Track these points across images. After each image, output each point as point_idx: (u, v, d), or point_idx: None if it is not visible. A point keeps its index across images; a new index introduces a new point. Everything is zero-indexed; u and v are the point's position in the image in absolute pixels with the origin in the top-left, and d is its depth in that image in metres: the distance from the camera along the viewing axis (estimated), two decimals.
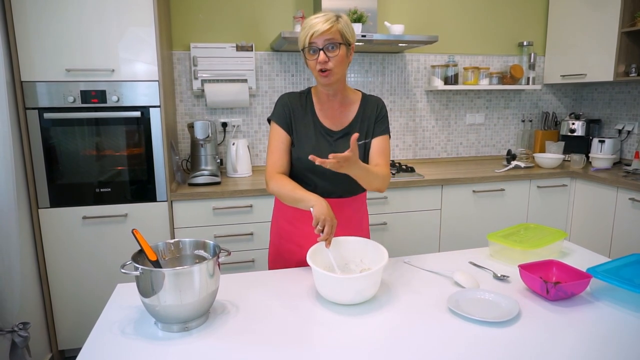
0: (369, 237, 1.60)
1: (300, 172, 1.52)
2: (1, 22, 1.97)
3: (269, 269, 1.65)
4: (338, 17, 1.39)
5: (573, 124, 3.35)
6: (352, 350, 1.01)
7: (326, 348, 1.02)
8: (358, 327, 1.11)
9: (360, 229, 1.61)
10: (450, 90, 3.33)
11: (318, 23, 1.35)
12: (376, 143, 1.53)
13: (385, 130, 1.55)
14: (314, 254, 1.29)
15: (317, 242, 1.31)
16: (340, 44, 1.37)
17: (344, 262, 1.37)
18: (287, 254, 1.59)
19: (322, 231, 1.29)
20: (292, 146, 1.51)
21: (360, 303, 1.22)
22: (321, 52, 1.36)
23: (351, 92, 1.56)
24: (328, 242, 1.30)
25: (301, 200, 1.38)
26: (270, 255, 1.68)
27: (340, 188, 1.53)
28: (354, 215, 1.59)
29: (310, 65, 1.41)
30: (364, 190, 1.61)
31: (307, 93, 1.55)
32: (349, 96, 1.55)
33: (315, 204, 1.33)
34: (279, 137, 1.50)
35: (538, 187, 2.90)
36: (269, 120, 1.54)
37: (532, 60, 3.32)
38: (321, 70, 1.38)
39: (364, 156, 1.52)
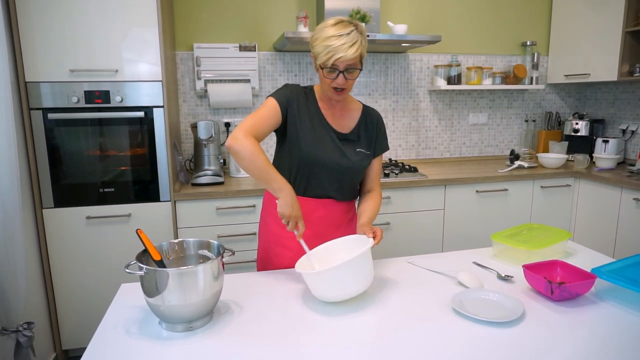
0: None
1: (297, 165, 1.49)
2: (6, 23, 1.98)
3: (258, 270, 1.64)
4: (358, 31, 1.34)
5: (577, 123, 3.34)
6: (356, 350, 1.01)
7: (331, 348, 1.02)
8: (362, 327, 1.11)
9: (351, 231, 1.58)
10: (453, 90, 3.33)
11: (344, 47, 1.31)
12: (376, 164, 1.61)
13: (386, 147, 1.62)
14: (302, 263, 1.29)
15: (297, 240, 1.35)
16: (359, 69, 1.40)
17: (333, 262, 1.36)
18: (276, 257, 1.57)
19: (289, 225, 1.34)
20: (287, 133, 1.48)
21: (364, 303, 1.22)
22: (341, 75, 1.37)
23: (351, 99, 1.59)
24: (299, 234, 1.34)
25: (271, 180, 1.34)
26: (258, 260, 1.66)
27: (332, 188, 1.52)
28: (344, 217, 1.59)
29: (324, 81, 1.41)
30: (354, 197, 1.62)
31: (309, 90, 1.54)
32: (349, 102, 1.58)
33: (280, 196, 1.34)
34: (272, 110, 1.42)
35: (541, 187, 2.89)
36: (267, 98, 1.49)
37: (535, 60, 3.31)
38: (335, 88, 1.41)
39: (365, 164, 1.55)
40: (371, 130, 1.57)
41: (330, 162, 1.48)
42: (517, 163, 3.00)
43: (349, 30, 1.32)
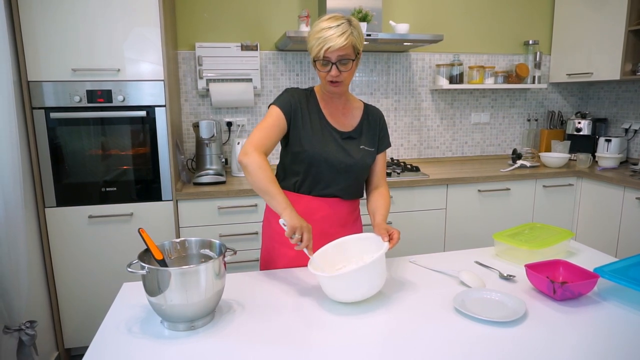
0: None
1: (301, 165, 1.50)
2: (8, 22, 1.98)
3: (261, 269, 1.64)
4: (350, 24, 1.36)
5: (579, 123, 3.34)
6: (358, 350, 1.01)
7: (332, 347, 1.02)
8: (364, 326, 1.11)
9: (355, 231, 1.60)
10: (455, 90, 3.32)
11: (333, 37, 1.32)
12: (380, 161, 1.61)
13: (388, 144, 1.63)
14: (314, 262, 1.28)
15: (297, 250, 1.28)
16: (352, 60, 1.39)
17: (346, 261, 1.36)
18: (279, 258, 1.58)
19: (301, 240, 1.26)
20: (290, 135, 1.48)
21: (366, 302, 1.22)
22: (334, 66, 1.37)
23: (353, 98, 1.60)
24: (310, 249, 1.27)
25: (272, 197, 1.32)
26: (262, 258, 1.66)
27: (338, 187, 1.53)
28: (349, 217, 1.59)
29: (320, 75, 1.44)
30: (359, 196, 1.62)
31: (310, 91, 1.56)
32: (350, 100, 1.59)
33: (285, 214, 1.28)
34: (275, 120, 1.44)
35: (544, 186, 2.89)
36: (269, 107, 1.50)
37: (537, 59, 3.31)
38: (331, 82, 1.42)
39: (369, 164, 1.56)
40: (374, 127, 1.58)
41: (334, 161, 1.48)
42: (519, 162, 2.99)
43: (339, 23, 1.34)
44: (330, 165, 1.48)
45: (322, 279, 1.20)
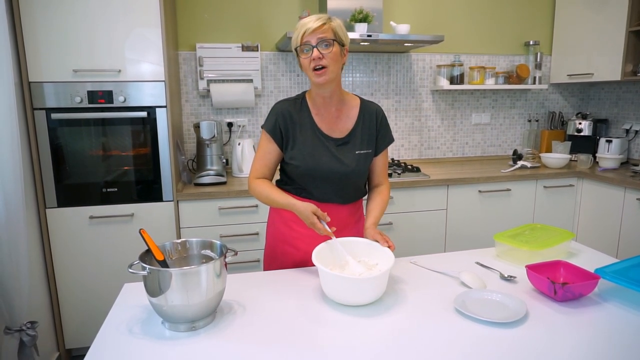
0: None
1: (298, 177, 1.50)
2: (9, 23, 1.98)
3: (264, 269, 1.64)
4: (330, 17, 1.40)
5: (580, 123, 3.34)
6: (359, 351, 1.01)
7: (333, 348, 1.02)
8: (364, 327, 1.11)
9: (357, 231, 1.59)
10: (456, 90, 3.33)
11: (310, 21, 1.36)
12: (380, 160, 1.58)
13: (390, 140, 1.58)
14: (319, 255, 1.29)
15: (321, 234, 1.37)
16: (333, 40, 1.37)
17: (344, 262, 1.36)
18: (282, 256, 1.58)
19: (320, 225, 1.36)
20: (285, 152, 1.50)
21: (368, 304, 1.22)
22: (315, 49, 1.35)
23: (348, 96, 1.54)
24: (329, 227, 1.37)
25: (280, 205, 1.46)
26: (265, 257, 1.66)
27: (337, 195, 1.52)
28: (350, 219, 1.59)
29: (303, 65, 1.40)
30: (360, 198, 1.61)
31: (301, 98, 1.52)
32: (346, 99, 1.52)
33: (295, 210, 1.40)
34: (266, 147, 1.51)
35: (544, 187, 2.88)
36: (262, 128, 1.53)
37: (538, 60, 3.31)
38: (315, 69, 1.37)
39: (366, 165, 1.53)
40: (370, 126, 1.52)
41: (329, 173, 1.47)
42: (519, 163, 2.99)
43: (319, 15, 1.39)
44: (325, 177, 1.47)
45: (333, 278, 1.20)
